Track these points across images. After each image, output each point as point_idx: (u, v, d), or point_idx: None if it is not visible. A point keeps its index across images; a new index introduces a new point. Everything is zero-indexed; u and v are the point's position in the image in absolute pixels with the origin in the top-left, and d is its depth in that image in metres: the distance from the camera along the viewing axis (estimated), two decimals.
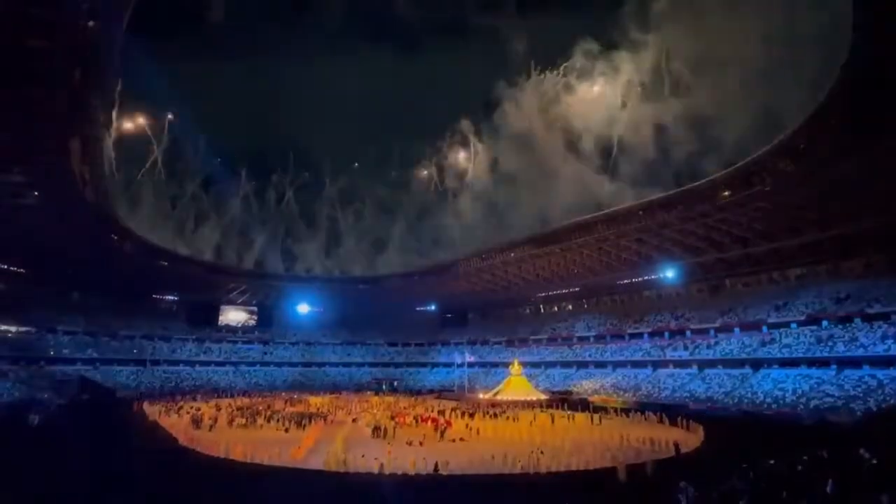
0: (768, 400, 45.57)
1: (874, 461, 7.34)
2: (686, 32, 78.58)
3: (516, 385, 61.64)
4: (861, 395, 40.03)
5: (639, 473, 20.51)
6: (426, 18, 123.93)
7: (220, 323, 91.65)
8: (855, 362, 44.19)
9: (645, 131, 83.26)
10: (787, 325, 53.06)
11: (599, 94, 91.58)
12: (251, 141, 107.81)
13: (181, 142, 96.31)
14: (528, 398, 58.03)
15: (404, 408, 53.26)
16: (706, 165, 68.20)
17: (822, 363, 46.63)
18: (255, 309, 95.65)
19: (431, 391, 78.80)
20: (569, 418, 44.71)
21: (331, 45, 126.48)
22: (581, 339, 76.05)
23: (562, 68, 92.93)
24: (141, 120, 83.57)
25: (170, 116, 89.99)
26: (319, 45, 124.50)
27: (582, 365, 71.95)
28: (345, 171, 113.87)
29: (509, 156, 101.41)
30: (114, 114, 60.81)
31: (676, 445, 26.62)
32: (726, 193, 48.91)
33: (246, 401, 61.14)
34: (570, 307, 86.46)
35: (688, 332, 62.83)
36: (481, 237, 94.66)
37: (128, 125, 78.43)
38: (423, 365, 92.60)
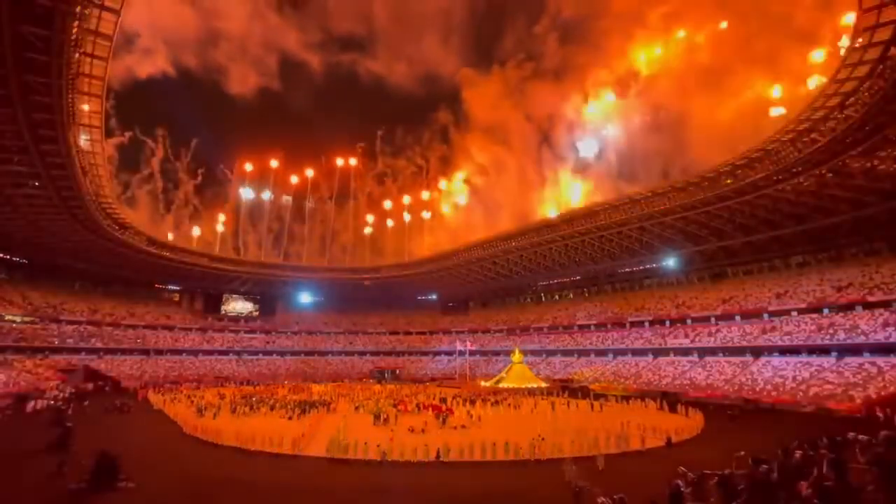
0: (768, 387, 45.79)
1: (869, 439, 7.40)
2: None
3: (517, 373, 62.00)
4: (861, 382, 40.17)
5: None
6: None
7: (222, 313, 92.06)
8: (855, 349, 44.28)
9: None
10: (787, 312, 53.13)
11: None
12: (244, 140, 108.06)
13: (176, 140, 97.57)
14: (529, 386, 58.43)
15: (406, 396, 53.65)
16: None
17: (823, 350, 46.76)
18: (257, 299, 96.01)
19: (433, 379, 79.33)
20: (569, 405, 45.02)
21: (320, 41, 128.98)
22: (582, 327, 76.28)
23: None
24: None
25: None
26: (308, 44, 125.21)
27: (583, 353, 72.25)
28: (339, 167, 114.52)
29: (486, 148, 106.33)
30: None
31: (668, 439, 26.76)
32: (728, 182, 48.69)
33: (249, 389, 61.73)
34: (571, 295, 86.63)
35: (688, 320, 62.96)
36: (477, 227, 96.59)
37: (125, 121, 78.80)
38: (425, 353, 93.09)
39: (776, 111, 71.33)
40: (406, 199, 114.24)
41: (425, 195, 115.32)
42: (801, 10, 68.43)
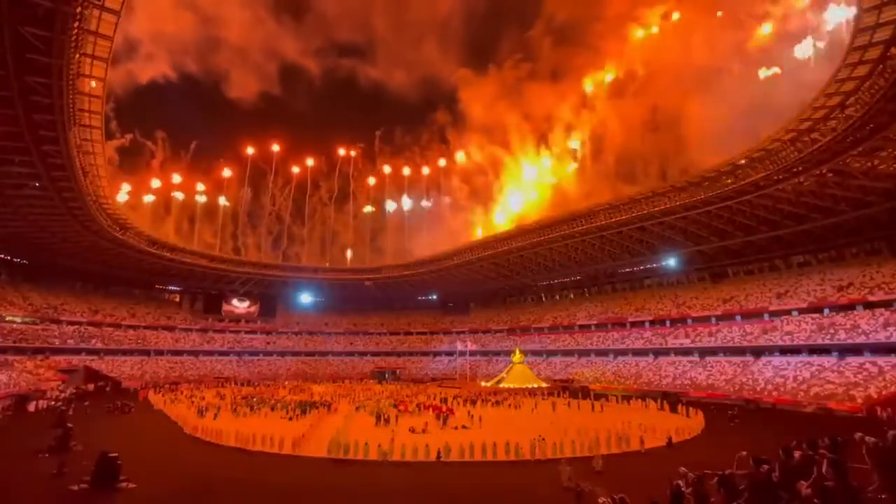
0: (769, 387, 45.77)
1: (877, 441, 7.39)
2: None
3: (518, 373, 62.07)
4: (862, 381, 40.16)
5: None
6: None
7: (223, 313, 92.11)
8: (856, 349, 44.26)
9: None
10: (788, 312, 53.10)
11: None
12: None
13: (176, 143, 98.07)
14: (530, 386, 58.46)
15: (407, 396, 53.65)
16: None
17: (824, 350, 46.75)
18: (257, 299, 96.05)
19: (434, 380, 79.33)
20: (570, 406, 45.03)
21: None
22: (582, 327, 76.25)
23: None
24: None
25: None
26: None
27: (583, 353, 72.24)
28: (336, 169, 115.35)
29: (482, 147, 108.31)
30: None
31: (669, 439, 26.75)
32: (729, 181, 48.67)
33: (249, 389, 61.77)
34: (572, 296, 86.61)
35: (689, 320, 62.94)
36: (477, 228, 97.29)
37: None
38: (425, 354, 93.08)
39: (766, 72, 71.55)
40: (406, 171, 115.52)
41: (425, 170, 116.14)
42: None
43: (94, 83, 33.32)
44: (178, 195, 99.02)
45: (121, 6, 28.27)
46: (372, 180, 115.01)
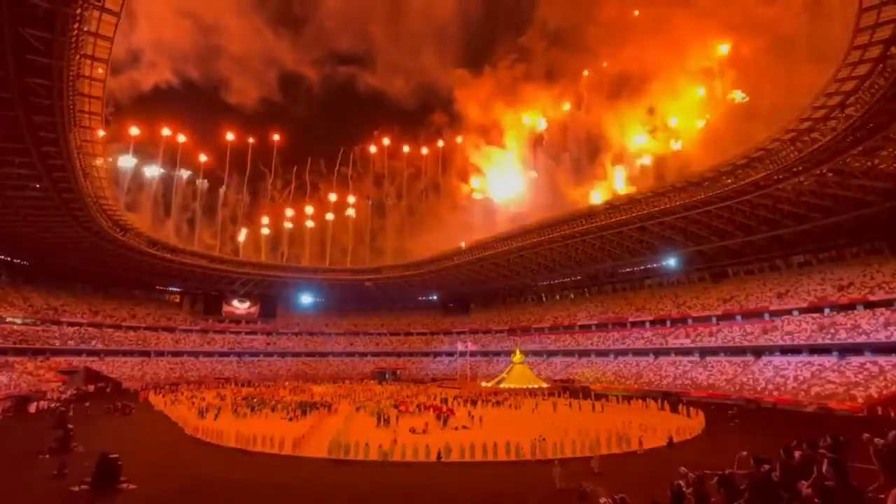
0: (770, 387, 45.74)
1: (883, 442, 7.38)
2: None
3: (518, 373, 62.03)
4: (862, 381, 40.14)
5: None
6: None
7: (223, 314, 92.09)
8: (856, 349, 44.24)
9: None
10: (788, 312, 53.08)
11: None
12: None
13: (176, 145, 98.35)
14: (530, 386, 58.42)
15: (407, 396, 53.64)
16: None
17: (824, 350, 46.73)
18: (258, 300, 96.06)
19: (434, 380, 79.31)
20: (570, 406, 45.01)
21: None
22: (583, 327, 76.24)
23: None
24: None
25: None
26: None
27: (584, 353, 72.22)
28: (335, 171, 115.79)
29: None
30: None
31: (670, 439, 26.76)
32: (729, 181, 48.64)
33: (250, 390, 61.77)
34: (572, 296, 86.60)
35: (689, 320, 62.91)
36: (477, 228, 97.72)
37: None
38: (426, 354, 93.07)
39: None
40: (405, 149, 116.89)
41: (424, 151, 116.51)
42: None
43: (94, 84, 33.31)
44: (183, 173, 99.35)
45: (120, 7, 28.30)
46: (373, 149, 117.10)
